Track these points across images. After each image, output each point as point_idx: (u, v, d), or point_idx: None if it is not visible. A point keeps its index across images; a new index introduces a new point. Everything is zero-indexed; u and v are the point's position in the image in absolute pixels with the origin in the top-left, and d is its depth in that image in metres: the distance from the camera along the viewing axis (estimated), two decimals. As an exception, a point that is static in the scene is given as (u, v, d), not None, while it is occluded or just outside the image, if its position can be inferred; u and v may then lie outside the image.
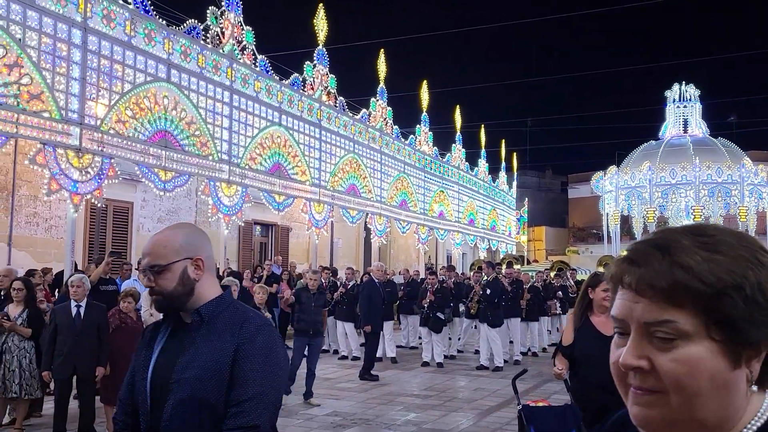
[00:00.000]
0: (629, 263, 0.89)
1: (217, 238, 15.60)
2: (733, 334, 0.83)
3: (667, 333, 0.84)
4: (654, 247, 0.88)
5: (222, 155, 13.63)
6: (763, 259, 0.87)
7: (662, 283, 0.84)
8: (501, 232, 32.74)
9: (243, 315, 2.06)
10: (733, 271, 0.83)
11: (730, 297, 0.83)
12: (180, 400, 1.95)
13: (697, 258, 0.84)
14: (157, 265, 2.06)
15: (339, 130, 18.04)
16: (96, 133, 10.83)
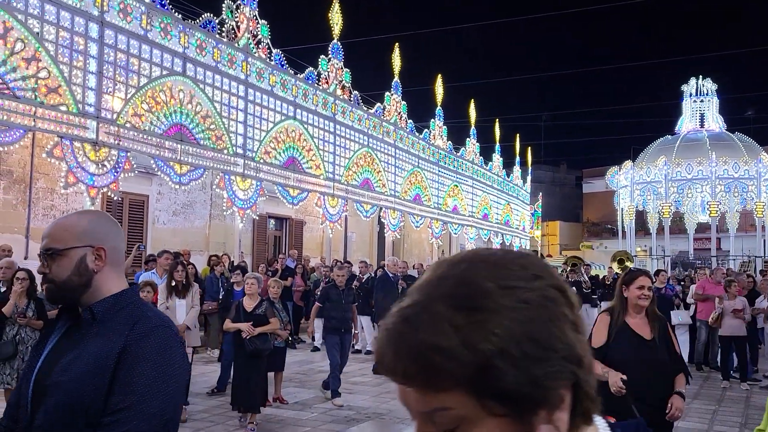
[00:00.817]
0: (386, 342, 0.76)
1: (231, 232, 15.68)
2: (516, 402, 0.72)
3: (444, 422, 0.73)
4: (403, 320, 0.75)
5: (237, 149, 13.66)
6: (549, 293, 0.77)
7: (413, 369, 0.73)
8: (515, 227, 32.63)
9: (139, 313, 1.81)
10: (494, 333, 0.71)
11: (495, 367, 0.70)
12: (54, 406, 1.71)
13: (448, 330, 0.71)
14: (52, 248, 1.84)
15: (353, 124, 18.03)
16: (112, 126, 10.88)
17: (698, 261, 31.45)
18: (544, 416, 0.74)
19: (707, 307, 11.82)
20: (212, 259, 13.30)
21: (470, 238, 26.36)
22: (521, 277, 0.77)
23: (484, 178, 28.15)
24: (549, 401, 0.74)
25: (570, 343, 0.76)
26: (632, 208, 34.13)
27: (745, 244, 33.73)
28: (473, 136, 27.12)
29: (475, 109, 26.67)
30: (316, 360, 12.49)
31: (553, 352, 0.74)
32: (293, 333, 9.17)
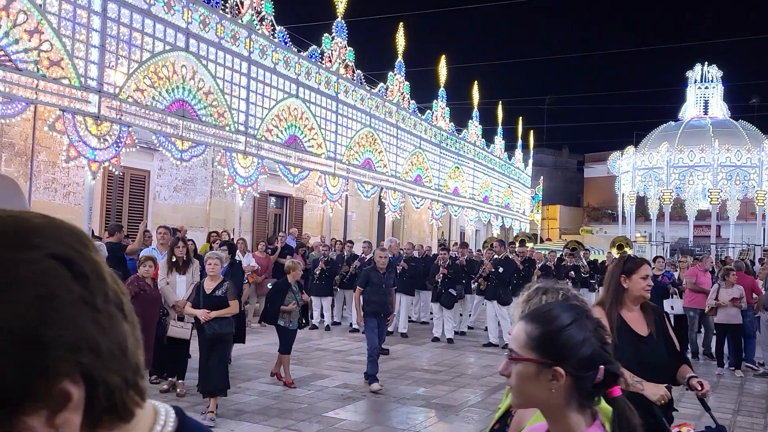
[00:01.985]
0: None
1: (232, 209, 15.70)
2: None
3: None
4: None
5: (239, 126, 13.65)
6: (44, 266, 0.64)
7: None
8: (515, 210, 32.66)
9: None
10: None
11: None
12: None
13: None
14: None
15: (356, 104, 17.99)
16: (114, 101, 10.87)
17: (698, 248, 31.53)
18: (43, 417, 0.63)
19: (699, 296, 11.84)
20: (212, 236, 13.33)
21: (470, 220, 26.40)
22: (5, 245, 0.64)
23: (486, 161, 28.13)
24: (43, 400, 0.63)
25: (77, 327, 0.64)
26: (633, 194, 34.13)
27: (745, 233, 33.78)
28: (476, 118, 27.06)
29: (478, 91, 26.60)
30: (314, 338, 12.59)
31: (46, 340, 0.62)
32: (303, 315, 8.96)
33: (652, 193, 33.60)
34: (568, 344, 1.48)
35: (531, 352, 1.49)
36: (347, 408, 7.65)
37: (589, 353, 1.47)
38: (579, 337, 1.48)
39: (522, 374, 1.49)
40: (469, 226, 26.73)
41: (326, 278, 13.58)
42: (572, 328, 1.49)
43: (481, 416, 7.52)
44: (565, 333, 1.49)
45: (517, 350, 1.52)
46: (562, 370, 1.46)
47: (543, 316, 1.53)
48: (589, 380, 1.47)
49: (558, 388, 1.46)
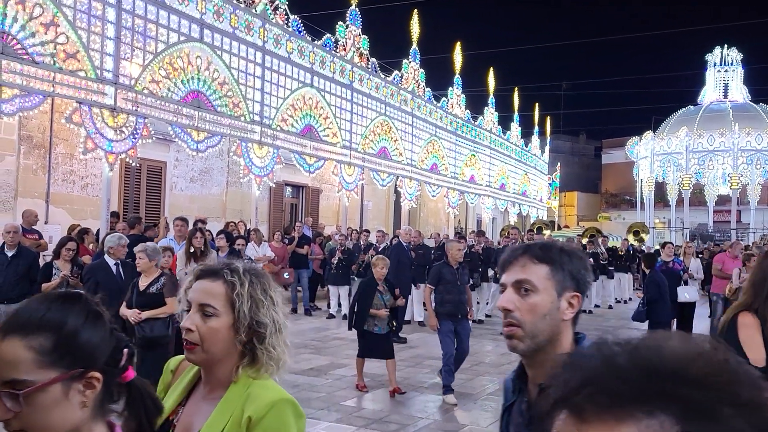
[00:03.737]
0: None
1: (248, 199, 15.77)
2: None
3: None
4: None
5: (254, 116, 13.68)
6: None
7: None
8: (532, 197, 32.52)
9: None
10: None
11: None
12: None
13: None
14: None
15: (371, 92, 17.96)
16: (130, 92, 10.94)
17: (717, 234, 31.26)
18: None
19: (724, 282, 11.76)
20: (229, 226, 13.40)
21: (487, 208, 26.33)
22: None
23: (502, 148, 28.00)
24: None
25: None
26: (652, 180, 33.86)
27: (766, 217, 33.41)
28: (492, 105, 26.92)
29: (494, 78, 26.44)
30: (332, 327, 12.64)
31: None
32: (393, 318, 8.12)
33: (671, 179, 33.32)
34: (90, 344, 1.24)
35: (49, 370, 1.18)
36: (365, 397, 7.69)
37: (114, 345, 1.29)
38: (99, 334, 1.27)
39: (43, 404, 1.18)
40: (485, 214, 26.67)
41: (343, 267, 13.61)
42: (87, 326, 1.25)
43: (499, 404, 7.53)
44: (83, 333, 1.24)
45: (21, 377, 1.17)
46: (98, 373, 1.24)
47: (47, 323, 1.22)
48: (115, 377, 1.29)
49: (90, 398, 1.24)
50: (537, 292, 1.57)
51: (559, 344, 1.58)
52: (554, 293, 1.58)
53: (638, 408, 0.59)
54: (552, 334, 1.57)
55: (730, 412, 0.58)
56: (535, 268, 1.59)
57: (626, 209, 41.97)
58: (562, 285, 1.58)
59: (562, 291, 1.59)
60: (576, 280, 1.60)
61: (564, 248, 1.63)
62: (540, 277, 1.58)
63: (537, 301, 1.57)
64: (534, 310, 1.57)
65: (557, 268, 1.59)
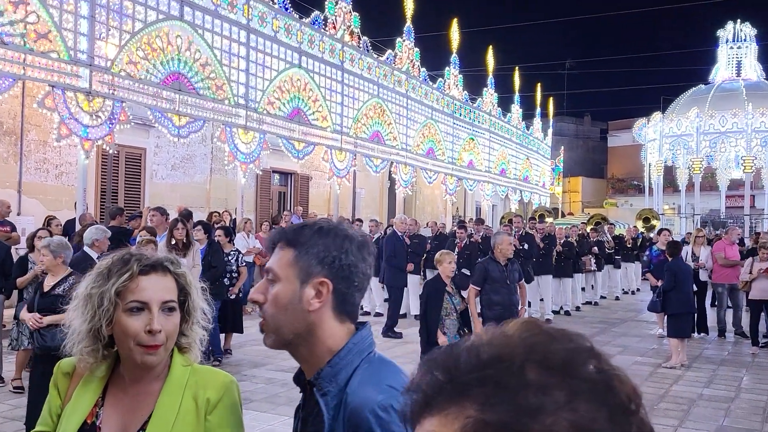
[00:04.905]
0: None
1: (233, 187, 15.75)
2: None
3: None
4: None
5: (238, 99, 13.64)
6: None
7: None
8: (534, 183, 32.56)
9: None
10: None
11: None
12: None
13: None
14: None
15: (362, 73, 17.92)
16: (106, 75, 10.88)
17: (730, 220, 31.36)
18: None
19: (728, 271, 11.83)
20: (213, 216, 13.40)
21: (486, 195, 26.37)
22: None
23: (502, 131, 28.01)
24: None
25: None
26: (661, 164, 33.92)
27: (781, 203, 33.55)
28: (491, 85, 26.89)
29: (493, 57, 26.39)
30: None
31: None
32: (465, 324, 7.41)
33: (680, 162, 33.39)
34: None
35: None
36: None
37: None
38: None
39: None
40: (485, 201, 26.71)
41: (335, 259, 13.63)
42: None
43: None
44: None
45: None
46: None
47: None
48: None
49: None
50: (278, 281, 1.50)
51: (318, 338, 1.48)
52: (296, 281, 1.48)
53: (448, 403, 0.65)
54: (300, 328, 1.48)
55: (521, 383, 0.63)
56: (281, 254, 1.52)
57: (634, 195, 42.05)
58: (307, 271, 1.48)
59: (307, 278, 1.48)
60: (324, 264, 1.48)
61: (322, 227, 1.53)
62: (282, 264, 1.50)
63: (277, 292, 1.49)
64: (275, 302, 1.49)
65: (303, 252, 1.49)
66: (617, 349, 10.74)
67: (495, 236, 8.02)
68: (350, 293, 1.51)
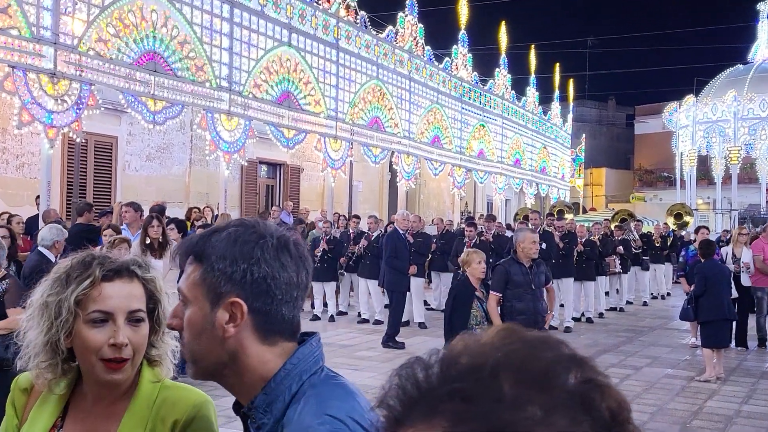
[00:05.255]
0: None
1: (216, 180, 15.74)
2: None
3: None
4: None
5: (221, 81, 13.62)
6: None
7: None
8: (552, 175, 32.56)
9: None
10: None
11: None
12: None
13: None
14: None
15: (360, 52, 17.89)
16: (73, 54, 10.86)
17: (771, 216, 31.33)
18: None
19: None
20: (193, 213, 13.40)
21: (499, 188, 26.37)
22: None
23: (517, 117, 28.00)
24: None
25: None
26: (694, 153, 33.91)
27: (829, 197, 33.53)
28: (504, 65, 26.87)
29: (506, 34, 26.36)
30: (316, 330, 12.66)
31: None
32: None
33: (716, 152, 33.35)
34: None
35: None
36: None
37: None
38: None
39: None
40: (497, 196, 26.71)
41: (329, 260, 13.63)
42: None
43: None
44: None
45: None
46: None
47: None
48: None
49: None
50: (189, 304, 1.41)
51: (245, 366, 1.39)
52: (206, 304, 1.38)
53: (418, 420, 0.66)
54: (221, 357, 1.39)
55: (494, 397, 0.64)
56: (189, 271, 1.42)
57: (664, 188, 42.08)
58: (215, 291, 1.38)
59: (217, 299, 1.38)
60: (233, 281, 1.37)
61: (230, 233, 1.41)
62: (190, 284, 1.41)
63: (189, 317, 1.40)
64: (189, 328, 1.40)
65: (208, 268, 1.39)
66: (645, 360, 10.74)
67: (517, 233, 7.73)
68: (274, 309, 1.40)
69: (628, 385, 9.02)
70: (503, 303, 7.19)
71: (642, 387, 8.98)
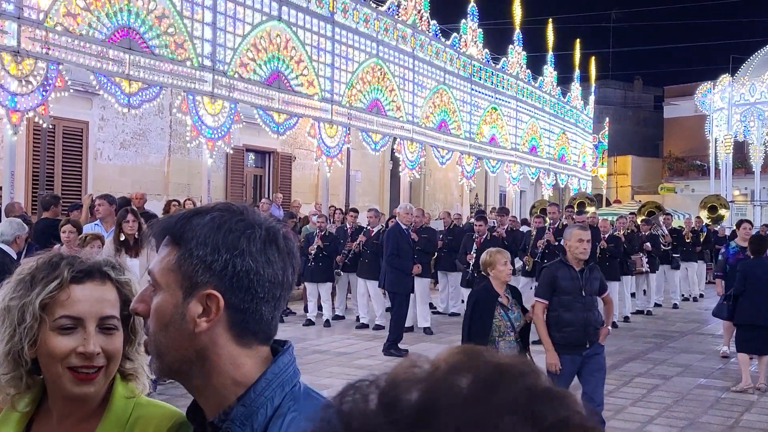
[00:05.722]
0: None
1: (198, 170, 15.72)
2: None
3: None
4: None
5: (204, 60, 13.61)
6: None
7: None
8: (572, 164, 32.54)
9: None
10: None
11: None
12: None
13: None
14: None
15: (358, 27, 17.87)
16: (38, 30, 10.84)
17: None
18: None
19: None
20: (172, 206, 13.39)
21: (513, 179, 26.34)
22: None
23: (533, 99, 27.97)
24: None
25: None
26: (729, 139, 33.86)
27: None
28: (518, 42, 26.83)
29: (521, 7, 26.32)
30: (310, 337, 12.68)
31: None
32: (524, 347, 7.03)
33: (754, 137, 33.32)
34: None
35: None
36: (354, 427, 7.72)
37: None
38: None
39: None
40: (511, 187, 26.69)
41: (324, 259, 13.62)
42: None
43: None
44: None
45: None
46: None
47: None
48: None
49: None
50: (159, 289, 1.39)
51: (214, 367, 1.37)
52: (179, 292, 1.37)
53: None
54: (188, 354, 1.37)
55: None
56: (164, 254, 1.40)
57: (696, 178, 42.02)
58: (191, 279, 1.36)
59: (192, 289, 1.36)
60: (213, 270, 1.36)
61: (215, 217, 1.40)
62: (164, 269, 1.39)
63: (158, 304, 1.38)
64: (156, 317, 1.39)
65: (186, 252, 1.37)
66: (676, 369, 10.74)
67: (568, 230, 7.27)
68: (253, 308, 1.38)
69: (656, 397, 9.02)
70: (549, 311, 6.86)
71: (672, 399, 8.98)
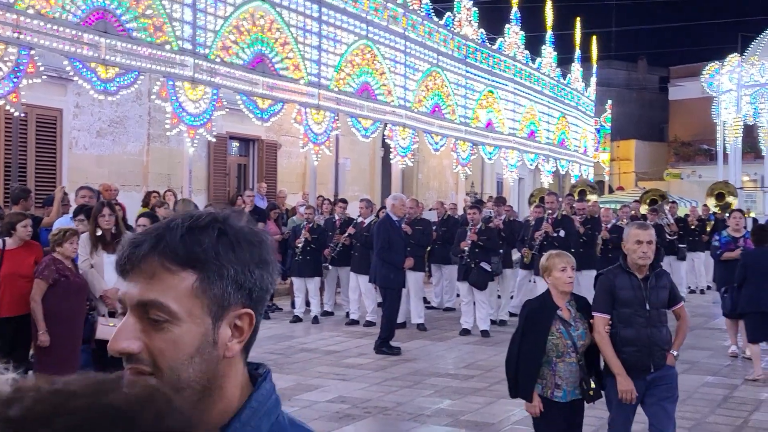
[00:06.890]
0: None
1: (178, 159, 15.71)
2: None
3: None
4: None
5: (183, 44, 13.59)
6: None
7: None
8: (573, 149, 32.57)
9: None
10: None
11: None
12: None
13: None
14: None
15: (346, 7, 17.84)
16: (9, 13, 10.82)
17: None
18: None
19: None
20: (152, 198, 13.39)
21: (510, 166, 26.36)
22: None
23: (531, 81, 27.97)
24: None
25: None
26: (738, 122, 33.93)
27: None
28: (515, 21, 26.82)
29: (518, -17, 26.29)
30: (297, 334, 12.71)
31: None
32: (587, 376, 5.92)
33: (765, 120, 33.41)
34: None
35: None
36: (345, 429, 7.77)
37: None
38: None
39: None
40: (508, 174, 26.71)
41: (312, 252, 13.63)
42: None
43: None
44: None
45: None
46: None
47: None
48: None
49: None
50: (178, 321, 1.29)
51: (224, 392, 1.33)
52: (208, 320, 1.31)
53: None
54: (209, 382, 1.31)
55: None
56: (171, 280, 1.30)
57: (703, 163, 42.11)
58: (222, 302, 1.32)
59: (223, 312, 1.32)
60: (245, 288, 1.33)
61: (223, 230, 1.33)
62: (181, 296, 1.29)
63: (178, 336, 1.29)
64: (176, 352, 1.29)
65: (213, 273, 1.31)
66: (683, 366, 10.73)
67: (628, 229, 6.13)
68: (259, 321, 1.38)
69: (660, 395, 9.07)
70: (612, 328, 5.83)
71: (677, 397, 9.03)
